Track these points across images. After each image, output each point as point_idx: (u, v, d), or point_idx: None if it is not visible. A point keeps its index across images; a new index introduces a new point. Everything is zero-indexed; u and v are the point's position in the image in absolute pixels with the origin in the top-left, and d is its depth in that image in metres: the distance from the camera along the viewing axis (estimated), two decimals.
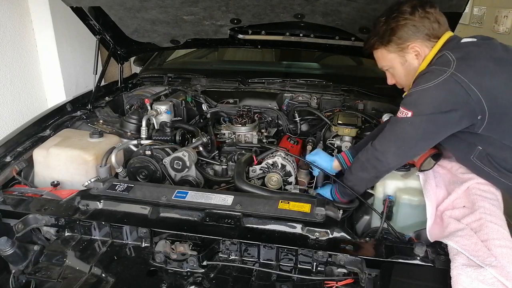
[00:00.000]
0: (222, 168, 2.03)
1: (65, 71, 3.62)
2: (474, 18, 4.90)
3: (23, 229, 1.41)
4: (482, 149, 1.38)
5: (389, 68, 1.56)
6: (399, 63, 1.51)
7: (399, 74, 1.55)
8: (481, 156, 1.39)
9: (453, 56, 1.32)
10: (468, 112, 1.28)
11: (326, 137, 2.18)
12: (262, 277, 1.26)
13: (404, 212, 1.55)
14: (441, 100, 1.30)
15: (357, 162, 1.55)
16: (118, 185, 1.56)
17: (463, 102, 1.27)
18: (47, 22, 3.38)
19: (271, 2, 1.97)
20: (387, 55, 1.51)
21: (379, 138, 1.47)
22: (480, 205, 1.35)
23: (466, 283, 1.07)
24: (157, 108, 2.20)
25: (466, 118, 1.30)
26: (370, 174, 1.50)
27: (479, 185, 1.44)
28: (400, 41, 1.45)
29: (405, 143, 1.40)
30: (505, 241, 1.21)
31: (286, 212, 1.40)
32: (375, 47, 1.53)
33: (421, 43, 1.44)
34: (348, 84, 2.55)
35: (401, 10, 1.43)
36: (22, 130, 1.97)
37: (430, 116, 1.32)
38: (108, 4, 2.14)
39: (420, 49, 1.44)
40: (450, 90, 1.28)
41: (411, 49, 1.45)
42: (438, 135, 1.37)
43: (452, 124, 1.33)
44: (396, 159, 1.43)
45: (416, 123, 1.35)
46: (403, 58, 1.49)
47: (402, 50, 1.47)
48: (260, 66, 3.27)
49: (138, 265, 1.30)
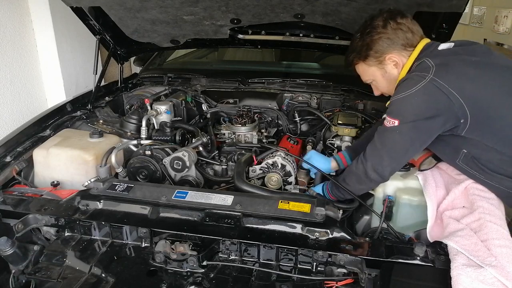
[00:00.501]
0: (222, 168, 2.03)
1: (65, 71, 3.62)
2: (474, 18, 4.90)
3: (23, 229, 1.41)
4: (467, 151, 1.39)
5: (372, 81, 1.61)
6: (380, 75, 1.55)
7: (382, 85, 1.59)
8: (467, 159, 1.40)
9: (432, 62, 1.34)
10: (451, 116, 1.30)
11: (326, 137, 2.18)
12: (262, 277, 1.26)
13: (404, 212, 1.55)
14: (424, 106, 1.32)
15: (352, 175, 1.54)
16: (118, 185, 1.56)
17: (445, 107, 1.29)
18: (47, 22, 3.38)
19: (271, 2, 1.97)
20: (368, 69, 1.56)
21: (369, 150, 1.47)
22: (479, 205, 1.35)
23: (466, 283, 1.07)
24: (157, 108, 2.20)
25: (449, 122, 1.32)
26: (368, 185, 1.53)
27: (476, 185, 1.44)
28: (377, 54, 1.49)
29: (396, 152, 1.41)
30: (504, 240, 1.21)
31: (286, 212, 1.40)
32: (355, 63, 1.59)
33: (398, 53, 1.47)
34: (348, 84, 2.54)
35: (373, 25, 1.47)
36: (22, 130, 1.97)
37: (415, 123, 1.34)
38: (108, 4, 2.14)
39: (397, 58, 1.48)
40: (430, 96, 1.30)
41: (388, 60, 1.49)
42: (426, 140, 1.39)
43: (437, 129, 1.35)
44: (390, 168, 1.44)
45: (404, 131, 1.36)
46: (383, 69, 1.53)
47: (380, 62, 1.51)
48: (260, 66, 3.27)
49: (138, 265, 1.30)
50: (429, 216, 1.44)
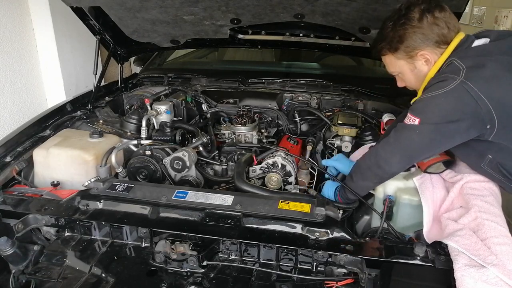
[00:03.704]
0: (222, 168, 2.03)
1: (65, 71, 3.62)
2: (474, 18, 4.90)
3: (23, 229, 1.41)
4: (492, 157, 1.35)
5: (399, 73, 1.53)
6: (408, 69, 1.48)
7: (409, 79, 1.52)
8: (492, 164, 1.37)
9: (462, 64, 1.28)
10: (477, 121, 1.25)
11: (326, 137, 2.18)
12: (262, 277, 1.26)
13: (404, 212, 1.55)
14: (449, 109, 1.27)
15: (358, 170, 1.52)
16: (118, 185, 1.56)
17: (471, 112, 1.24)
18: (47, 22, 3.38)
19: (271, 2, 1.97)
20: (396, 61, 1.48)
21: (383, 144, 1.45)
22: (474, 204, 1.34)
23: (470, 284, 1.07)
24: (157, 108, 2.20)
25: (474, 128, 1.27)
26: (372, 181, 1.50)
27: (469, 184, 1.43)
28: (408, 49, 1.41)
29: (410, 152, 1.38)
30: (503, 238, 1.21)
31: (286, 212, 1.40)
32: (383, 53, 1.50)
33: (430, 50, 1.39)
34: (348, 84, 2.54)
35: (408, 17, 1.37)
36: (22, 130, 1.97)
37: (437, 126, 1.29)
38: (108, 4, 2.14)
39: (430, 56, 1.40)
40: (459, 99, 1.24)
41: (420, 56, 1.41)
42: (445, 144, 1.35)
43: (460, 134, 1.30)
44: (400, 166, 1.42)
45: (423, 132, 1.32)
46: (412, 65, 1.45)
47: (411, 57, 1.43)
48: (260, 66, 3.26)
49: (138, 265, 1.30)
50: (425, 221, 1.43)
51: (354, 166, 1.58)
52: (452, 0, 1.75)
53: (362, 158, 1.52)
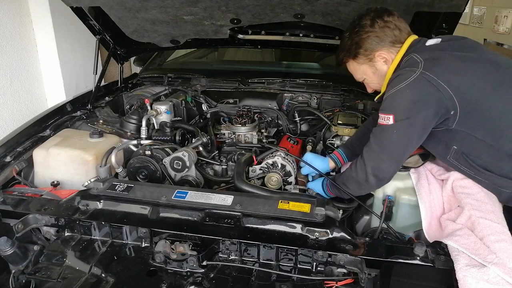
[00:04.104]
0: (222, 168, 2.03)
1: (65, 71, 3.62)
2: (474, 18, 4.90)
3: (23, 229, 1.41)
4: (457, 148, 1.41)
5: (364, 79, 1.63)
6: (370, 72, 1.58)
7: (374, 82, 1.62)
8: (457, 155, 1.42)
9: (420, 57, 1.37)
10: (441, 107, 1.32)
11: (326, 137, 2.18)
12: (262, 277, 1.26)
13: (403, 212, 1.55)
14: (416, 99, 1.33)
15: (352, 181, 1.50)
16: (118, 185, 1.56)
17: (435, 99, 1.31)
18: (47, 22, 3.38)
19: (271, 2, 1.97)
20: (359, 67, 1.59)
21: (367, 152, 1.45)
22: (466, 202, 1.37)
23: (472, 285, 1.08)
24: (157, 108, 2.20)
25: (440, 114, 1.34)
26: (371, 189, 1.53)
27: (457, 182, 1.46)
28: (367, 52, 1.52)
29: (395, 152, 1.41)
30: (499, 235, 1.22)
31: (286, 212, 1.40)
32: (345, 61, 1.61)
33: (387, 50, 1.50)
34: (348, 84, 2.54)
35: (361, 24, 1.50)
36: (22, 130, 1.97)
37: (410, 120, 1.34)
38: (108, 4, 2.14)
39: (387, 55, 1.51)
40: (422, 89, 1.32)
41: (378, 57, 1.52)
42: (422, 135, 1.40)
43: (430, 121, 1.35)
44: (392, 169, 1.43)
45: (400, 129, 1.36)
46: (373, 67, 1.55)
47: (370, 60, 1.54)
48: (260, 66, 3.27)
49: (138, 265, 1.30)
50: (423, 217, 1.45)
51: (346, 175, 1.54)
52: (452, 0, 1.76)
53: (352, 169, 1.50)
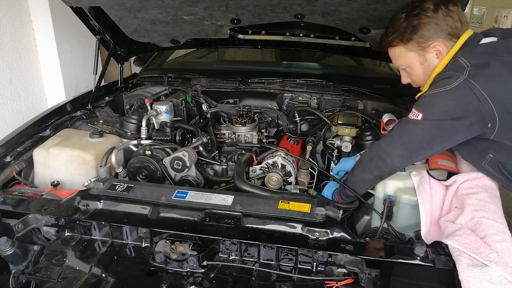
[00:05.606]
0: (222, 168, 2.03)
1: (65, 71, 3.62)
2: (474, 18, 4.90)
3: (23, 229, 1.41)
4: (493, 156, 1.36)
5: (406, 67, 1.51)
6: (418, 62, 1.46)
7: (417, 74, 1.50)
8: (493, 163, 1.37)
9: (467, 62, 1.29)
10: (479, 120, 1.26)
11: (326, 137, 2.18)
12: (262, 277, 1.25)
13: (404, 212, 1.55)
14: (453, 106, 1.28)
15: (359, 163, 1.54)
16: (118, 185, 1.56)
17: (473, 110, 1.25)
18: (47, 22, 3.38)
19: (271, 2, 1.97)
20: (406, 53, 1.46)
21: (386, 137, 1.46)
22: (468, 203, 1.35)
23: (475, 285, 1.07)
24: (157, 108, 2.20)
25: (476, 126, 1.28)
26: (372, 174, 1.49)
27: (463, 184, 1.44)
28: (421, 40, 1.40)
29: (412, 146, 1.38)
30: (502, 235, 1.22)
31: (286, 212, 1.40)
32: (394, 45, 1.48)
33: (443, 43, 1.39)
34: (348, 84, 2.54)
35: (423, 7, 1.38)
36: (22, 130, 1.96)
37: (440, 122, 1.30)
38: (108, 4, 2.14)
39: (442, 48, 1.40)
40: (462, 97, 1.25)
41: (432, 48, 1.41)
42: (446, 142, 1.35)
43: (461, 132, 1.31)
44: (401, 161, 1.41)
45: (426, 127, 1.33)
46: (423, 57, 1.44)
47: (423, 49, 1.42)
48: (260, 66, 3.26)
49: (138, 265, 1.30)
50: (422, 223, 1.44)
51: (357, 160, 1.60)
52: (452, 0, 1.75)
53: (365, 152, 1.54)
